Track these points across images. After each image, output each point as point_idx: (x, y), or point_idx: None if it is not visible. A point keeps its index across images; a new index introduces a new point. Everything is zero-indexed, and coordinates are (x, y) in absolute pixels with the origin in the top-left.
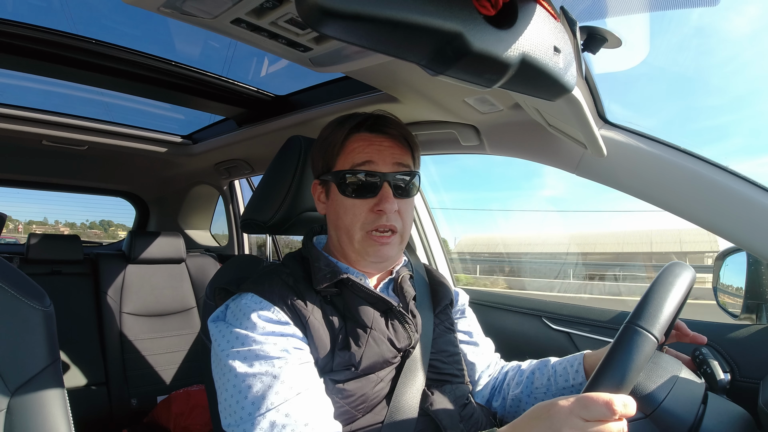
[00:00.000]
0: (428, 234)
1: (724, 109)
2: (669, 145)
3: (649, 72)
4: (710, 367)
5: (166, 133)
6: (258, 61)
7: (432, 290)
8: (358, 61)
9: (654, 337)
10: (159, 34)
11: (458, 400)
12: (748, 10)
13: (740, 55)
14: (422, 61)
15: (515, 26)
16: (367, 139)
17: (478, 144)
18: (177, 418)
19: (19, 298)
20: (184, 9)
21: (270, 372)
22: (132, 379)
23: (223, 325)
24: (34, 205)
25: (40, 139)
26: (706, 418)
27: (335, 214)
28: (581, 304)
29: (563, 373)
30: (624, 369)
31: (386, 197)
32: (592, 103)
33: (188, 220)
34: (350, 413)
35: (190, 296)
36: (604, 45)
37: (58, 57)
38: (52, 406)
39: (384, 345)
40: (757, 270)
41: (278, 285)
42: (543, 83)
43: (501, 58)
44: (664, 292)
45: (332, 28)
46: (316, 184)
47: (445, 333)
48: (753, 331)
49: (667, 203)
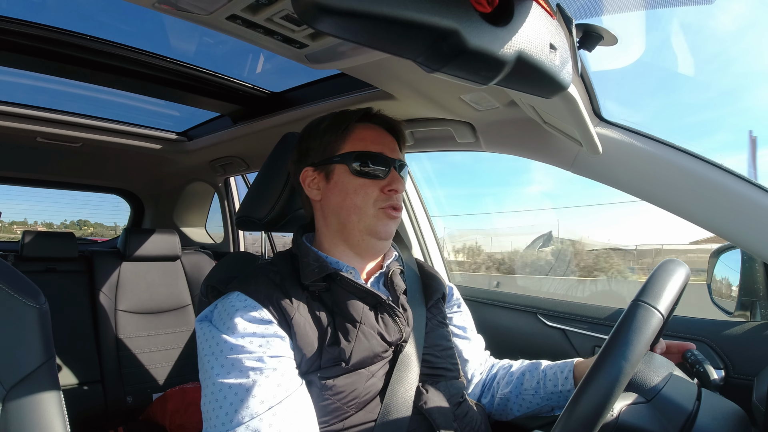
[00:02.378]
0: (423, 229)
1: (707, 106)
2: (664, 142)
3: (635, 69)
4: (702, 367)
5: (161, 130)
6: (253, 57)
7: (424, 284)
8: (354, 58)
9: (660, 313)
10: (154, 30)
11: (453, 398)
12: (732, 8)
13: (725, 52)
14: (418, 58)
15: (511, 23)
16: (373, 128)
17: (474, 141)
18: (172, 416)
19: (13, 295)
20: (180, 5)
21: (243, 385)
22: (127, 377)
23: (207, 327)
24: (15, 204)
25: (34, 136)
26: (700, 415)
27: (341, 194)
28: (577, 301)
29: (553, 378)
30: (632, 342)
31: (397, 179)
32: (588, 100)
33: (183, 218)
34: (342, 410)
35: (186, 293)
36: (599, 43)
37: (53, 53)
38: (47, 404)
39: (374, 339)
40: (751, 267)
41: (264, 283)
42: (539, 81)
43: (497, 55)
44: (666, 277)
45: (328, 24)
46: (308, 171)
47: (438, 327)
48: (747, 328)
49: (662, 200)
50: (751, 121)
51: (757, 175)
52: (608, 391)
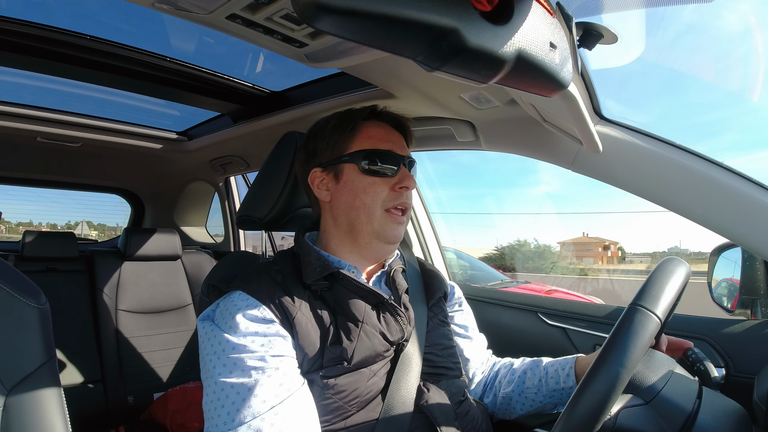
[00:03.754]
0: (423, 228)
1: (716, 106)
2: (664, 141)
3: (642, 68)
4: (703, 365)
5: (161, 130)
6: (253, 56)
7: (425, 283)
8: (354, 57)
9: (657, 317)
10: (154, 30)
11: (454, 397)
12: (739, 8)
13: (733, 51)
14: (418, 57)
15: (511, 22)
16: (381, 126)
17: (474, 140)
18: (173, 415)
19: (14, 295)
20: (179, 4)
21: (245, 384)
22: (128, 377)
23: (209, 326)
24: (21, 205)
25: (34, 136)
26: (701, 413)
27: (351, 194)
28: (577, 300)
29: (554, 376)
30: (629, 348)
31: (407, 176)
32: (588, 99)
33: (184, 217)
34: (343, 408)
35: (186, 293)
36: (600, 41)
37: (53, 53)
38: (48, 403)
39: (376, 339)
40: (751, 265)
41: (266, 282)
42: (539, 79)
43: (497, 54)
44: (665, 278)
45: (327, 23)
46: (316, 172)
47: (439, 326)
48: (747, 326)
49: (662, 199)
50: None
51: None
52: (604, 397)
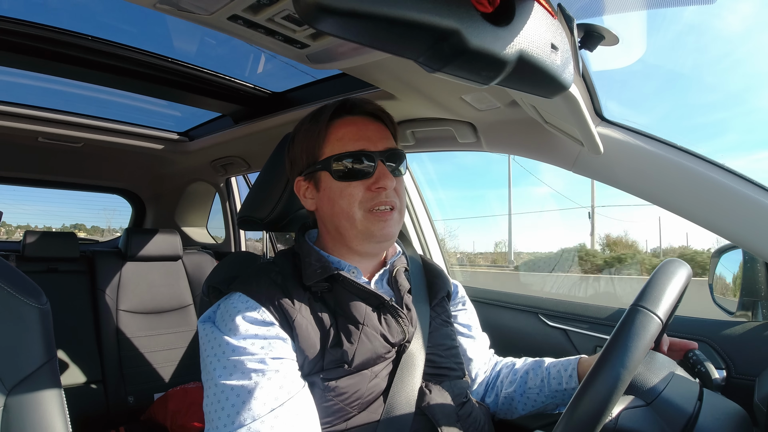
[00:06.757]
0: (423, 227)
1: (718, 106)
2: (665, 142)
3: (643, 69)
4: (704, 366)
5: (162, 130)
6: (255, 57)
7: (428, 282)
8: (355, 58)
9: (659, 318)
10: (156, 30)
11: (457, 398)
12: (741, 8)
13: (734, 51)
14: (419, 59)
15: (513, 23)
16: (352, 122)
17: (475, 141)
18: (174, 416)
19: (15, 295)
20: (181, 5)
21: (245, 386)
22: (129, 377)
23: (210, 328)
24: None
25: (36, 136)
26: (702, 415)
27: (330, 202)
28: (578, 301)
29: (557, 376)
30: (630, 349)
31: (384, 174)
32: (589, 100)
33: (185, 218)
34: (345, 410)
35: (187, 293)
36: (601, 42)
37: (55, 54)
38: (48, 404)
39: (377, 341)
40: (752, 267)
41: (266, 284)
42: (540, 80)
43: (498, 55)
44: (666, 279)
45: (329, 24)
46: (300, 182)
47: (442, 326)
48: (748, 328)
49: (663, 201)
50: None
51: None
52: (605, 398)
